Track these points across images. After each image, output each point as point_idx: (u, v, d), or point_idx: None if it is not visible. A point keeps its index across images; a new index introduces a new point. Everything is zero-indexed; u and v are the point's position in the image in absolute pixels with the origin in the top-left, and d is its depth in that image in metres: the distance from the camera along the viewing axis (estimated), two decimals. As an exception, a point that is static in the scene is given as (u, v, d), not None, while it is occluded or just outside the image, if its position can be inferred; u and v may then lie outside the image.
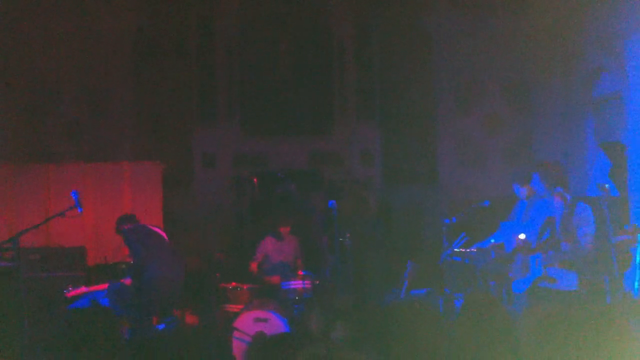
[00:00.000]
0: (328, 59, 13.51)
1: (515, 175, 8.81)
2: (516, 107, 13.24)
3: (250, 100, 13.44)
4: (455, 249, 8.83)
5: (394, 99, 13.41)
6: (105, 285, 9.08)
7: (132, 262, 9.24)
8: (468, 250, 8.85)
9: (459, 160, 13.31)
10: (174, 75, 13.23)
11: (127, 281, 9.05)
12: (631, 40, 10.11)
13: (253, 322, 8.99)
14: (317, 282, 9.57)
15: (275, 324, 8.88)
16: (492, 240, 8.84)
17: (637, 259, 8.86)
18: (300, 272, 9.84)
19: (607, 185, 7.72)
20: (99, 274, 10.03)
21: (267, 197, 10.89)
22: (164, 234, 9.24)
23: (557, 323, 3.95)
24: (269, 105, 13.39)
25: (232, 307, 9.48)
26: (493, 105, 13.31)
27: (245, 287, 9.61)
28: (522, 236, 8.03)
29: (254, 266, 10.40)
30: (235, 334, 8.62)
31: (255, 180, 9.87)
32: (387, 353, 3.98)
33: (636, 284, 8.51)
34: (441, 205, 12.87)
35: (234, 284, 9.65)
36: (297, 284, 9.69)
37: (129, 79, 13.05)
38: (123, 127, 12.98)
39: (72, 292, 9.12)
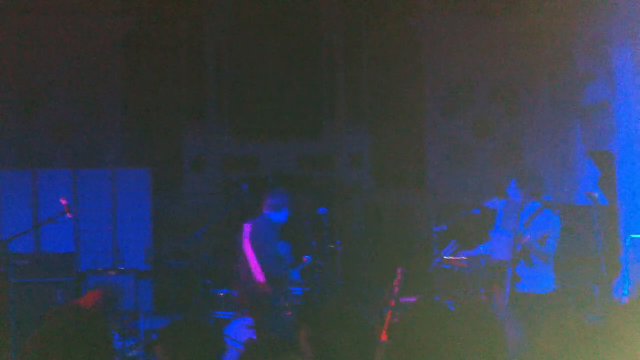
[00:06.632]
0: (317, 62, 13.50)
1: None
2: (505, 110, 13.24)
3: (240, 103, 13.41)
4: (445, 257, 8.85)
5: (383, 101, 13.42)
6: None
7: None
8: (458, 258, 8.87)
9: (447, 163, 13.32)
10: (163, 78, 13.17)
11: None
12: (620, 48, 10.14)
13: (244, 328, 8.99)
14: (307, 288, 9.58)
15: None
16: (480, 248, 8.87)
17: (626, 266, 8.93)
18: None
19: (596, 194, 7.77)
20: (89, 280, 9.98)
21: (256, 202, 10.84)
22: None
23: (549, 331, 3.92)
24: (259, 108, 13.36)
25: (223, 314, 9.47)
26: (482, 108, 13.31)
27: (236, 294, 9.58)
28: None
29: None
30: (226, 340, 8.60)
31: (244, 186, 9.79)
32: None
33: (625, 290, 8.57)
34: (430, 209, 12.87)
35: (224, 290, 9.63)
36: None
37: (117, 81, 12.98)
38: (111, 130, 12.90)
39: None
